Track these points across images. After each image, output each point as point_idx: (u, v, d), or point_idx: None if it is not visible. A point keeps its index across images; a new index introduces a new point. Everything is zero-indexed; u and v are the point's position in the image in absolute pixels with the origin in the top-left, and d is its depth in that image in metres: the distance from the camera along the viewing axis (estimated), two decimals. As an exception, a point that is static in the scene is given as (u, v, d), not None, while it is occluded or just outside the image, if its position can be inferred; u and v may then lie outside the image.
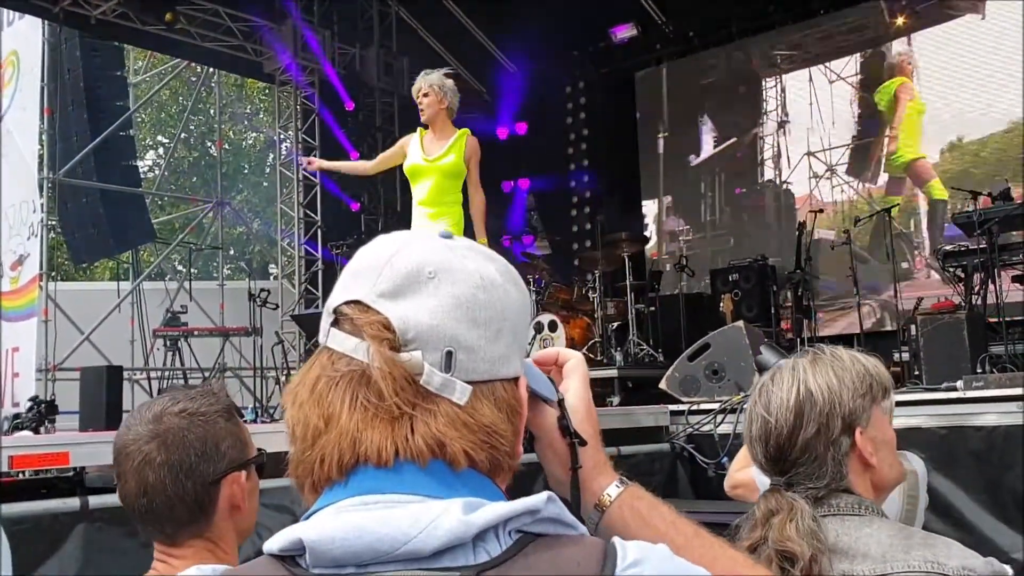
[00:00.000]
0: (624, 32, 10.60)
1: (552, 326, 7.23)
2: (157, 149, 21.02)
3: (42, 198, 9.17)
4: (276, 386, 8.76)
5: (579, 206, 11.35)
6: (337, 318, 0.79)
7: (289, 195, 10.74)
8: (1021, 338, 6.28)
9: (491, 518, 0.72)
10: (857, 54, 9.84)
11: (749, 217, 10.56)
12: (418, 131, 5.18)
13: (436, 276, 0.77)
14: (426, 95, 5.01)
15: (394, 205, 10.27)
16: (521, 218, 11.64)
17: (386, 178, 9.32)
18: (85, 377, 6.29)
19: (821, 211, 8.58)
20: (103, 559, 2.89)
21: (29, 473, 3.55)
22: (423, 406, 0.75)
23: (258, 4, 9.80)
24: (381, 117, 10.57)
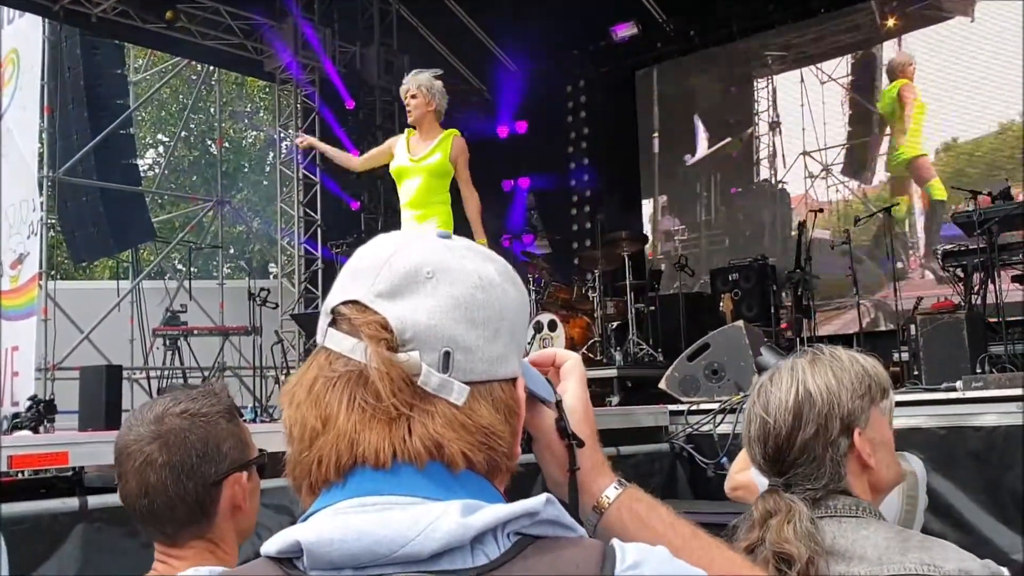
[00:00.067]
0: (624, 31, 10.59)
1: (552, 325, 7.23)
2: (157, 147, 21.03)
3: (42, 197, 9.17)
4: (276, 385, 8.76)
5: (579, 205, 11.34)
6: (335, 318, 0.79)
7: (289, 194, 10.74)
8: (1021, 338, 6.27)
9: (489, 520, 0.71)
10: (848, 55, 9.85)
11: (744, 217, 10.56)
12: (406, 132, 5.16)
13: (434, 276, 0.77)
14: (414, 96, 4.95)
15: (394, 205, 10.07)
16: (521, 217, 11.64)
17: (386, 177, 9.29)
18: (84, 376, 6.29)
19: (821, 211, 8.57)
20: (102, 559, 2.89)
21: (28, 473, 3.54)
22: (421, 407, 0.75)
23: (258, 2, 9.81)
24: (382, 115, 10.55)
